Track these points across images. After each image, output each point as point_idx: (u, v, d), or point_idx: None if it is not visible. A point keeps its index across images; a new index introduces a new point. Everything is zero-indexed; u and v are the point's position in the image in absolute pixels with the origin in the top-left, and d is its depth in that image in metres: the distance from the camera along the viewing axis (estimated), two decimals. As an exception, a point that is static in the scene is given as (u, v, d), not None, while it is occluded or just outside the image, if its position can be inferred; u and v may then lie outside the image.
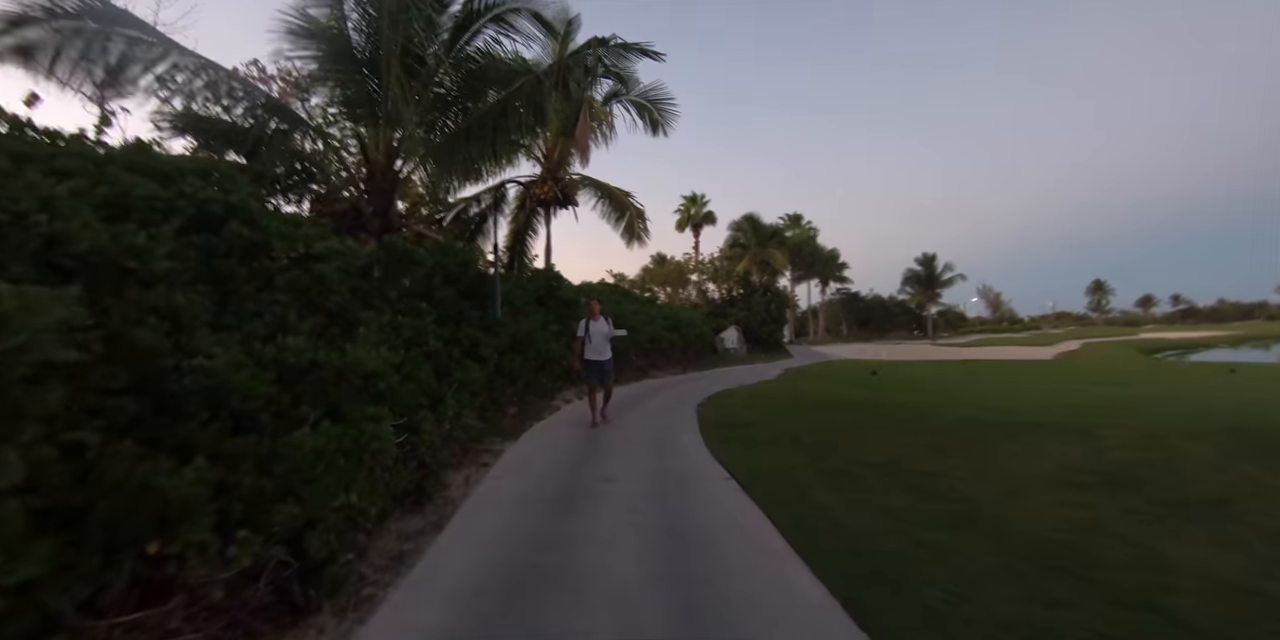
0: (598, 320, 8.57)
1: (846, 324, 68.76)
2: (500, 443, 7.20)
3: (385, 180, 7.01)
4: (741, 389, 13.17)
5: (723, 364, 21.57)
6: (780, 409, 9.69)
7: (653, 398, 11.76)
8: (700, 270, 36.75)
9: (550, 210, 15.68)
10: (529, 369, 9.72)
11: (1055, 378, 16.45)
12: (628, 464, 6.19)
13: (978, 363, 25.14)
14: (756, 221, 41.77)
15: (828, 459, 6.41)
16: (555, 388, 11.10)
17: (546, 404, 10.26)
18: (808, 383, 13.90)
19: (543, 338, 10.36)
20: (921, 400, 10.36)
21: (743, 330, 25.84)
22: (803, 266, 53.65)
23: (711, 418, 9.12)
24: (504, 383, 8.82)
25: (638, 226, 15.69)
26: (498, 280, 9.72)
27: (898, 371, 17.83)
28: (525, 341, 9.69)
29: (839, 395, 11.23)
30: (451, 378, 5.64)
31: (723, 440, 7.37)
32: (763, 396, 11.23)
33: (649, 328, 16.89)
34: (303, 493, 2.74)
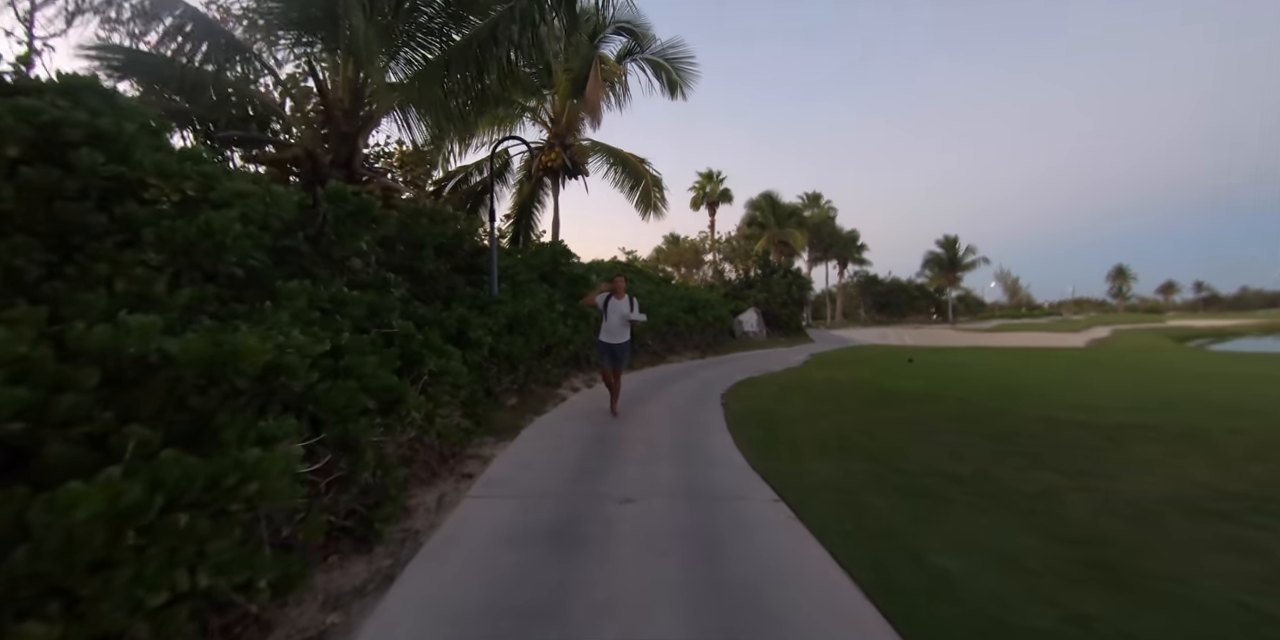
0: (621, 298, 7.44)
1: (864, 308, 67.04)
2: (492, 444, 5.99)
3: (349, 124, 5.73)
4: (769, 377, 11.89)
5: (742, 348, 20.28)
6: (820, 402, 8.41)
7: (672, 385, 10.52)
8: (717, 249, 35.17)
9: (559, 180, 14.32)
10: (531, 354, 8.50)
11: (1110, 369, 15.00)
12: (647, 476, 4.95)
13: (1013, 350, 23.62)
14: (775, 200, 40.08)
15: (896, 470, 5.14)
16: (562, 374, 9.89)
17: (552, 393, 9.06)
18: (841, 371, 12.59)
19: (547, 318, 9.11)
20: (981, 394, 9.04)
21: (762, 313, 24.48)
22: (820, 248, 51.91)
23: (742, 412, 7.86)
24: (501, 370, 7.60)
25: (654, 196, 14.28)
26: (494, 253, 8.45)
27: (934, 358, 16.43)
28: (527, 322, 8.45)
29: (884, 386, 9.93)
30: (422, 368, 4.40)
31: (760, 442, 6.12)
32: (795, 387, 9.96)
33: (664, 309, 15.60)
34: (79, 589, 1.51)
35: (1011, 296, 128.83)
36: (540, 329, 8.79)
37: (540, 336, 8.81)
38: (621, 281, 7.70)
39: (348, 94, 5.70)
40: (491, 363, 7.31)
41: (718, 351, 18.19)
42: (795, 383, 10.57)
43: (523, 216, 15.06)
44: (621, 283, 7.68)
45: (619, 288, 7.56)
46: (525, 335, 8.36)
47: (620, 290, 7.54)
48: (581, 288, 11.81)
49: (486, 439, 6.10)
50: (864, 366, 13.76)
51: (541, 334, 8.87)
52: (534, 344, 8.54)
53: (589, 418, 7.50)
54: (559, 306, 10.40)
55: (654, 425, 7.04)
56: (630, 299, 7.52)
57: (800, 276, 29.86)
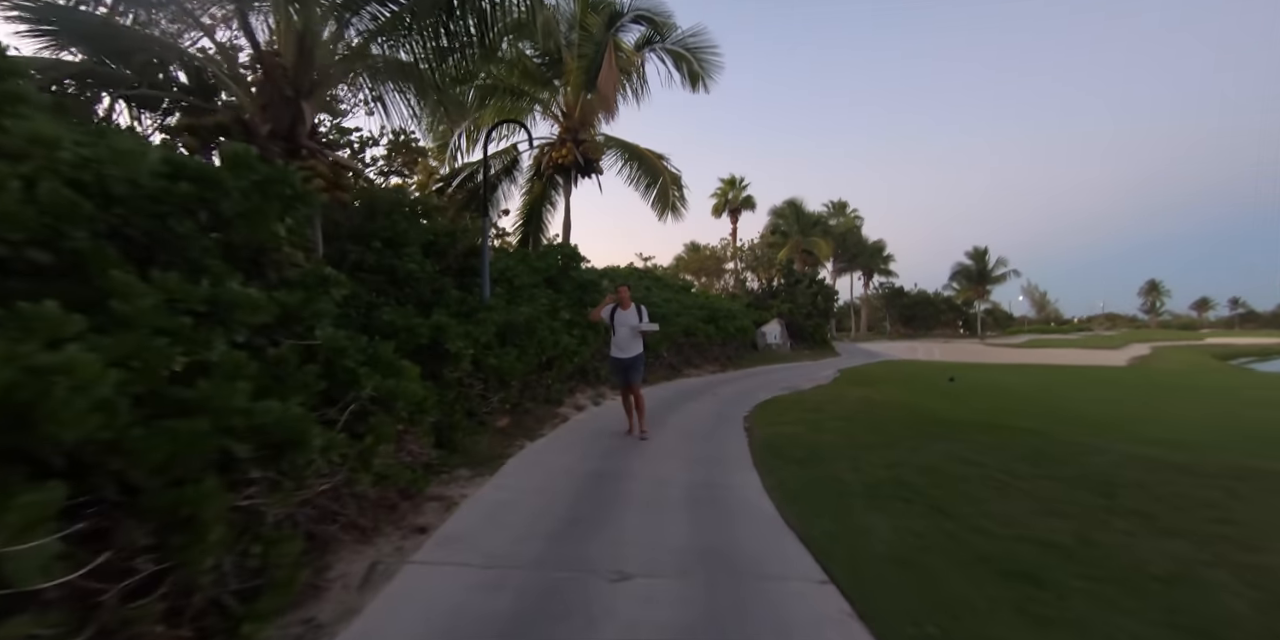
0: (628, 309, 6.70)
1: (890, 320, 65.20)
2: (466, 480, 4.92)
3: (292, 85, 4.74)
4: (797, 396, 10.69)
5: (765, 361, 19.06)
6: (861, 429, 7.21)
7: (688, 404, 9.39)
8: (739, 257, 33.90)
9: (571, 178, 13.31)
10: (528, 368, 7.44)
11: (1172, 393, 13.54)
12: (651, 533, 3.85)
13: (1057, 369, 22.06)
14: (799, 207, 38.80)
15: (977, 530, 3.96)
16: (566, 390, 8.81)
17: (552, 412, 7.98)
18: (877, 390, 11.34)
19: (548, 327, 8.06)
20: (1046, 423, 7.77)
21: (786, 324, 23.20)
22: (845, 258, 50.41)
23: (769, 440, 6.71)
24: (489, 387, 6.55)
25: (672, 195, 13.15)
26: (486, 252, 7.44)
27: (976, 377, 15.06)
28: (523, 332, 7.40)
29: (930, 410, 8.69)
30: (355, 392, 3.35)
31: (794, 485, 4.98)
32: (828, 409, 8.76)
33: (682, 319, 14.49)
34: None
35: (1039, 311, 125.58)
36: (539, 339, 7.73)
37: (539, 348, 7.75)
38: (626, 291, 6.81)
39: (291, 49, 4.71)
40: (476, 379, 6.26)
41: (739, 365, 17.00)
42: (828, 403, 9.37)
43: (532, 218, 14.08)
44: (626, 292, 6.79)
45: (624, 298, 6.72)
46: (521, 346, 7.31)
47: (626, 300, 6.72)
48: (592, 295, 10.76)
49: (460, 472, 5.03)
50: (902, 385, 12.49)
51: (541, 345, 7.82)
52: (531, 357, 7.49)
53: (591, 444, 6.41)
54: (564, 314, 9.34)
55: (665, 457, 5.92)
56: (639, 308, 6.72)
57: (826, 287, 28.52)
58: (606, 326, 6.98)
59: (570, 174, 13.12)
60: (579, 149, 12.67)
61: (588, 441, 6.55)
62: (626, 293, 6.87)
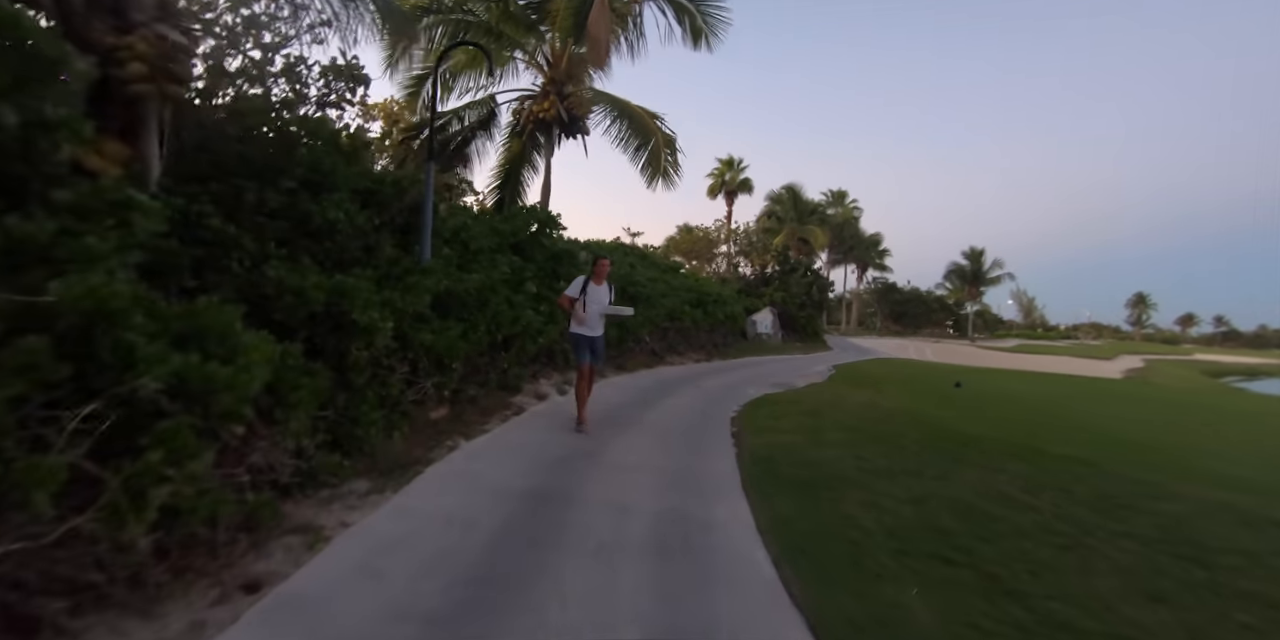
0: (601, 285, 6.00)
1: (881, 316, 64.35)
2: (362, 494, 3.68)
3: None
4: (791, 395, 9.49)
5: (754, 352, 17.85)
6: (872, 444, 6.00)
7: (668, 399, 8.15)
8: (733, 240, 32.42)
9: (553, 137, 11.85)
10: (475, 346, 6.16)
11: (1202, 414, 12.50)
12: (592, 608, 2.63)
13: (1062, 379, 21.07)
14: (798, 194, 37.36)
15: (1058, 627, 2.76)
16: (525, 375, 7.52)
17: (504, 401, 6.71)
18: (880, 393, 10.15)
19: (505, 299, 6.75)
20: (1096, 451, 6.59)
21: (779, 314, 21.98)
22: (841, 249, 49.16)
23: (762, 453, 5.49)
24: (418, 368, 5.25)
25: (664, 158, 11.63)
26: (429, 203, 6.10)
27: (981, 384, 13.90)
28: (471, 304, 6.09)
29: (947, 422, 7.45)
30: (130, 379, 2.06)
31: (796, 527, 3.77)
32: (829, 414, 7.55)
33: (668, 301, 13.21)
34: None
35: (1026, 316, 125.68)
36: (493, 314, 6.43)
37: (492, 324, 6.45)
38: (606, 266, 6.04)
39: None
40: (400, 359, 4.95)
41: (726, 354, 15.78)
42: (827, 406, 8.17)
43: (509, 179, 12.63)
44: (606, 267, 6.03)
45: (601, 272, 5.95)
46: (468, 321, 6.01)
47: (602, 276, 5.97)
48: (567, 268, 9.44)
49: (354, 486, 3.76)
50: (905, 388, 11.32)
51: (495, 320, 6.52)
52: (480, 334, 6.18)
53: (542, 446, 5.16)
54: (530, 286, 8.03)
55: (632, 471, 4.68)
56: (610, 287, 6.08)
57: (821, 277, 27.32)
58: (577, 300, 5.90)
59: (552, 132, 11.65)
60: (563, 104, 11.21)
61: (539, 443, 5.30)
62: (606, 267, 6.00)
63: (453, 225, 7.03)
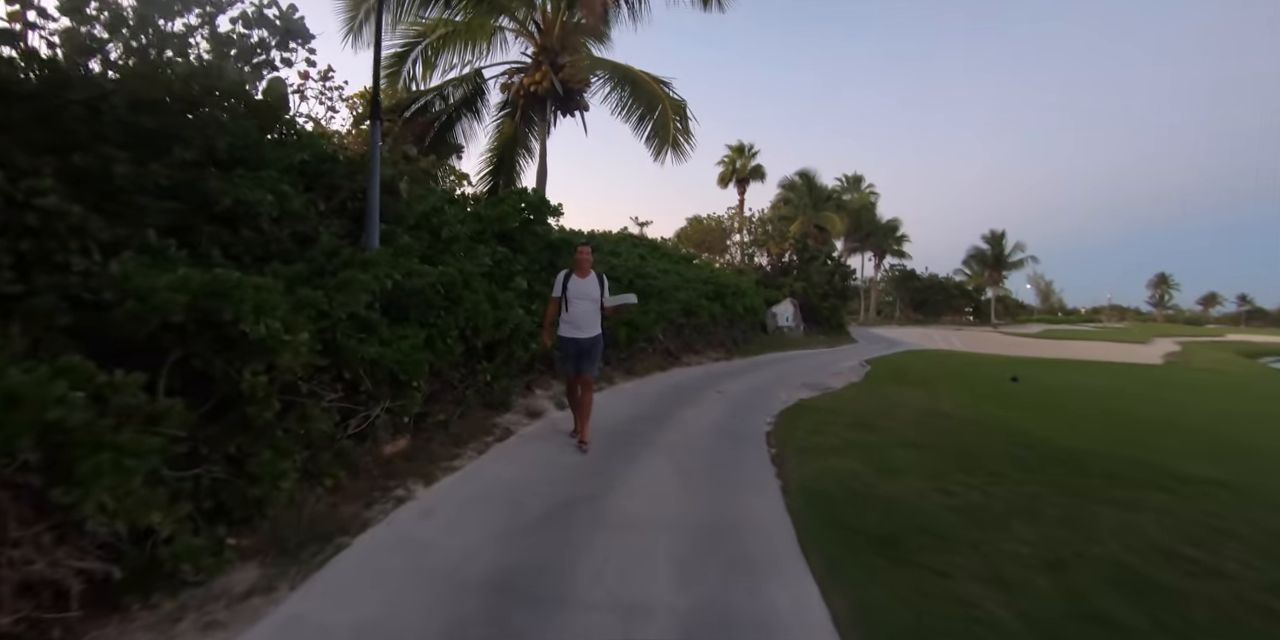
0: (586, 276, 5.09)
1: (900, 304, 62.51)
2: (241, 592, 2.44)
3: None
4: (830, 400, 8.17)
5: (776, 346, 16.50)
6: (953, 473, 4.68)
7: (685, 409, 6.88)
8: (747, 229, 30.76)
9: (547, 114, 10.55)
10: (446, 356, 4.92)
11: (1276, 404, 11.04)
12: None
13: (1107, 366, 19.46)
14: (812, 179, 35.77)
15: None
16: (511, 389, 6.28)
17: (486, 423, 5.48)
18: (932, 393, 8.80)
19: (482, 298, 5.50)
20: (1227, 469, 5.26)
21: (800, 305, 20.56)
22: (858, 236, 47.41)
23: (816, 487, 4.19)
24: (359, 391, 4.01)
25: (673, 127, 10.21)
26: (374, 176, 4.86)
27: (1037, 376, 12.43)
28: (436, 303, 4.84)
29: (1033, 433, 6.04)
30: None
31: (896, 621, 2.49)
32: (883, 425, 6.23)
33: (682, 294, 11.91)
34: None
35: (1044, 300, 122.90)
36: (467, 315, 5.18)
37: (468, 327, 5.20)
38: (586, 253, 5.17)
39: None
40: (330, 381, 3.72)
41: (747, 351, 14.46)
42: (878, 414, 6.85)
43: (502, 164, 11.37)
44: (586, 254, 5.15)
45: (582, 262, 5.08)
46: (434, 325, 4.77)
47: (585, 266, 5.09)
48: (566, 260, 8.18)
49: (235, 578, 2.53)
50: (958, 387, 9.94)
51: (473, 323, 5.27)
52: (452, 341, 4.94)
53: (526, 490, 3.90)
54: (520, 281, 6.78)
55: (646, 533, 3.40)
56: (599, 277, 5.17)
57: (844, 265, 25.82)
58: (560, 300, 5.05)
59: (546, 108, 10.36)
60: (558, 76, 9.91)
61: (523, 484, 4.04)
62: (587, 254, 5.13)
63: (421, 209, 5.78)
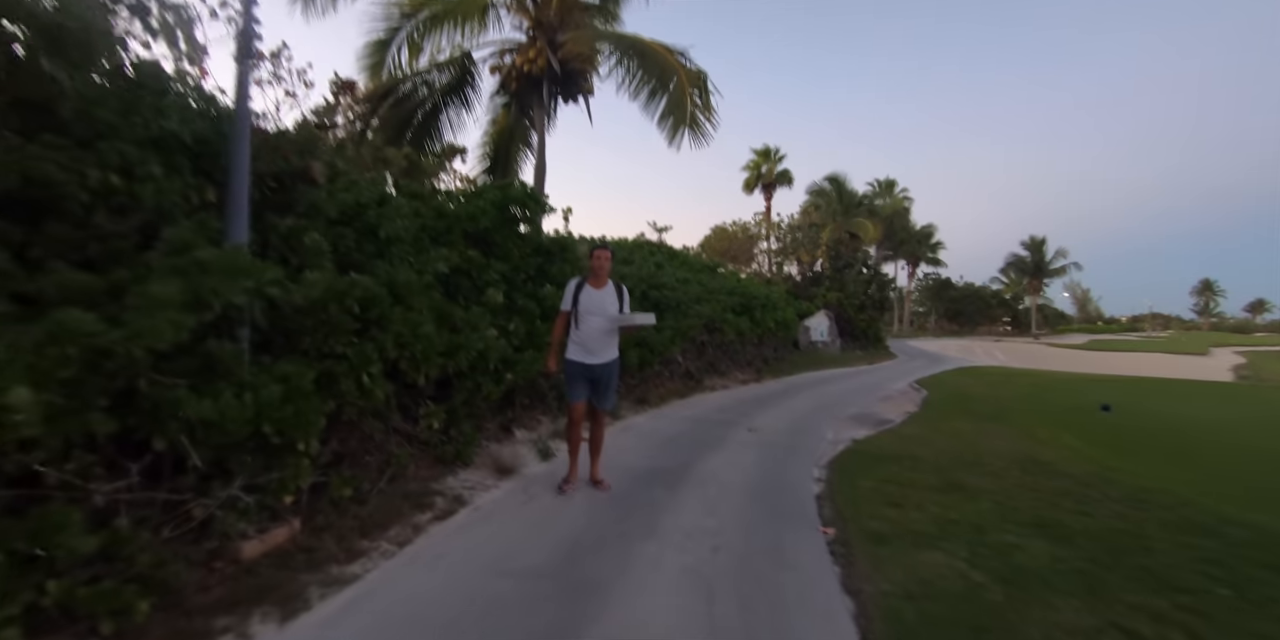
0: (603, 288, 4.07)
1: (935, 314, 59.91)
2: None
3: None
4: (893, 440, 6.50)
5: (811, 365, 14.78)
6: (1118, 578, 3.05)
7: (706, 458, 5.27)
8: (776, 235, 28.89)
9: (546, 100, 9.13)
10: (361, 401, 3.43)
11: None
12: None
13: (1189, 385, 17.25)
14: (842, 184, 33.94)
15: None
16: (474, 438, 4.76)
17: (426, 489, 3.96)
18: (1021, 433, 7.07)
19: (426, 318, 4.00)
20: None
21: (834, 317, 18.77)
22: (890, 244, 45.27)
23: (911, 617, 2.57)
24: (184, 469, 2.53)
25: (690, 103, 8.57)
26: (242, 138, 3.40)
27: (1128, 405, 10.47)
28: (345, 324, 3.36)
29: (1186, 496, 4.35)
30: None
31: None
32: (980, 486, 4.56)
33: (705, 307, 10.35)
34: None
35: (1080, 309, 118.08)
36: (402, 339, 3.69)
37: (399, 356, 3.72)
38: (604, 257, 4.09)
39: None
40: (134, 454, 2.23)
41: (779, 370, 12.78)
42: (963, 466, 5.19)
43: (499, 161, 10.01)
44: (604, 259, 4.08)
45: (598, 268, 4.05)
46: (341, 359, 3.29)
47: (602, 273, 4.06)
48: (559, 270, 6.72)
49: None
50: (1042, 419, 8.17)
51: (412, 351, 3.79)
52: (371, 381, 3.44)
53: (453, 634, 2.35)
54: (494, 294, 5.31)
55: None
56: (618, 289, 4.12)
57: (880, 273, 23.95)
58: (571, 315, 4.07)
59: (543, 93, 8.94)
60: (556, 55, 8.50)
61: (442, 621, 2.50)
62: (605, 259, 4.06)
63: (347, 201, 4.32)
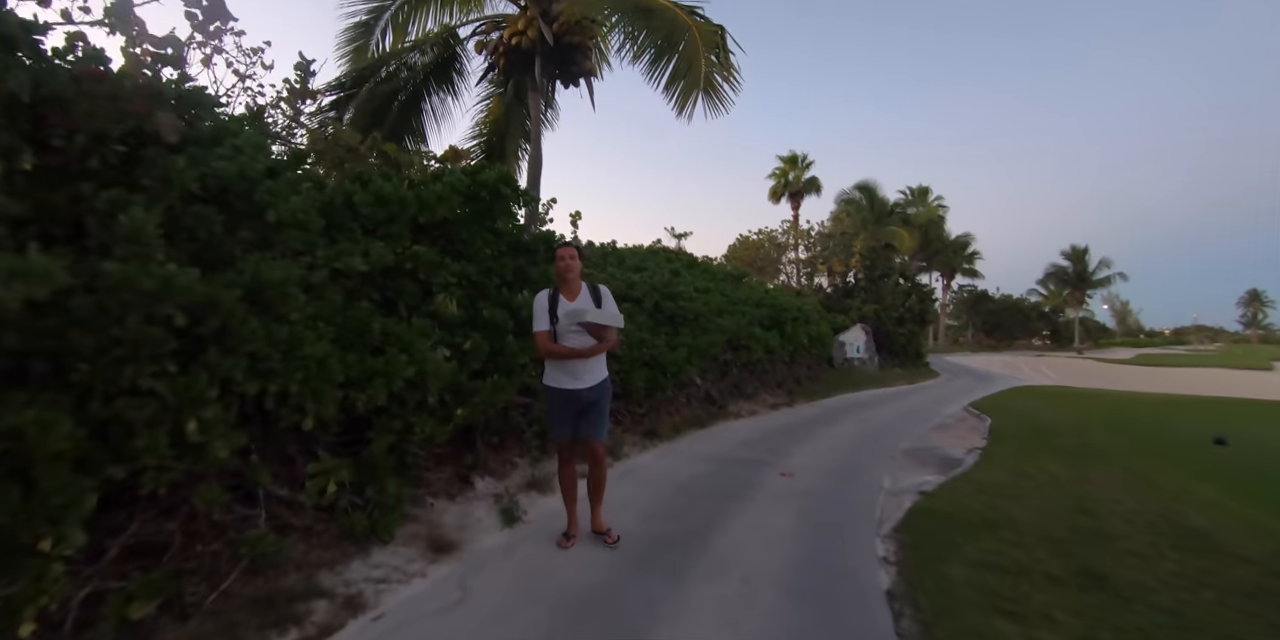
0: (576, 297, 3.14)
1: (972, 328, 57.44)
2: None
3: None
4: (973, 491, 5.01)
5: (848, 384, 13.23)
6: None
7: (724, 528, 3.89)
8: (805, 244, 27.20)
9: (538, 79, 7.91)
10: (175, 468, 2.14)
11: None
12: None
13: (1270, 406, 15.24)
14: (873, 192, 32.35)
15: None
16: (397, 501, 3.46)
17: (304, 590, 2.66)
18: (1136, 476, 5.57)
19: (311, 335, 2.73)
20: None
21: (871, 332, 17.18)
22: (925, 254, 43.28)
23: None
24: None
25: (704, 64, 6.94)
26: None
27: (1243, 435, 8.70)
28: (146, 340, 2.09)
29: None
30: None
31: None
32: (1136, 581, 3.16)
33: (728, 321, 8.99)
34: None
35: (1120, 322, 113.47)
36: (265, 370, 2.42)
37: (261, 392, 2.44)
38: (570, 258, 3.13)
39: None
40: None
41: (813, 393, 11.29)
42: (1084, 534, 3.76)
43: (494, 153, 8.87)
44: (570, 261, 3.12)
45: (565, 271, 3.10)
46: (147, 397, 2.00)
47: (570, 278, 3.11)
48: (542, 275, 5.44)
49: None
50: (1150, 458, 6.64)
51: (289, 378, 2.51)
52: (204, 429, 2.16)
53: None
54: (446, 302, 4.05)
55: None
56: (594, 292, 3.15)
57: (920, 284, 22.27)
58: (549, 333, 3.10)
59: (535, 69, 7.72)
60: (551, 27, 7.30)
61: None
62: (571, 258, 3.12)
63: (223, 171, 3.08)
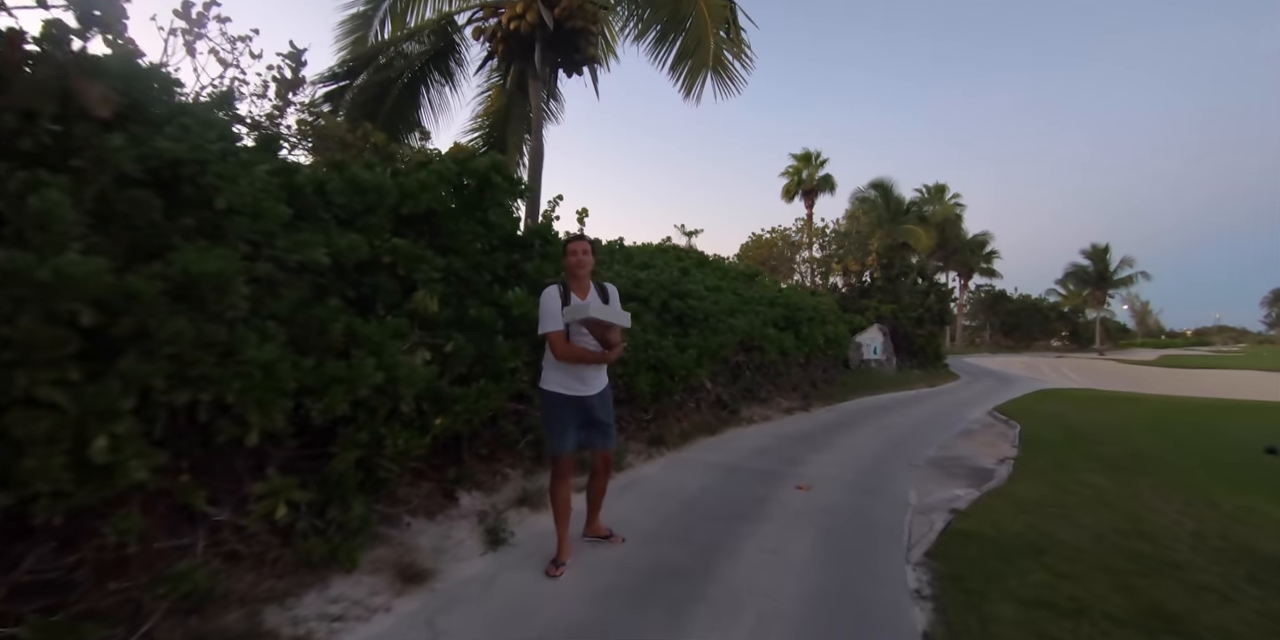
0: (587, 295, 2.89)
1: (990, 329, 56.43)
2: None
3: None
4: (1011, 510, 4.54)
5: (865, 387, 12.72)
6: None
7: (742, 542, 3.47)
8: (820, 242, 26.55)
9: (540, 64, 7.55)
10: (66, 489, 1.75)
11: None
12: None
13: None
14: (889, 190, 31.71)
15: None
16: (362, 523, 3.07)
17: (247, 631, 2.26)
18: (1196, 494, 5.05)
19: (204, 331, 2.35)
20: None
21: (889, 332, 16.63)
22: (942, 253, 42.42)
23: None
24: None
25: (713, 42, 6.47)
26: None
27: None
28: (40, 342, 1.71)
29: None
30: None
31: None
32: (1215, 624, 2.72)
33: (739, 320, 8.55)
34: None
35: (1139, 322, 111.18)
36: (183, 364, 2.03)
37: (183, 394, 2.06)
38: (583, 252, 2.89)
39: None
40: None
41: (829, 396, 10.81)
42: (1145, 561, 3.31)
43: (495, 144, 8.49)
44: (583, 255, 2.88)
45: (575, 267, 2.90)
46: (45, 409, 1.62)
47: (582, 274, 2.91)
48: (540, 271, 5.05)
49: None
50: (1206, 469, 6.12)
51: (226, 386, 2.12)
52: (122, 452, 1.78)
53: None
54: (425, 300, 3.66)
55: None
56: (602, 291, 2.96)
57: (939, 283, 21.71)
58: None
59: (535, 56, 7.35)
60: (553, 11, 6.92)
61: None
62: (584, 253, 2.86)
63: (168, 151, 2.71)
